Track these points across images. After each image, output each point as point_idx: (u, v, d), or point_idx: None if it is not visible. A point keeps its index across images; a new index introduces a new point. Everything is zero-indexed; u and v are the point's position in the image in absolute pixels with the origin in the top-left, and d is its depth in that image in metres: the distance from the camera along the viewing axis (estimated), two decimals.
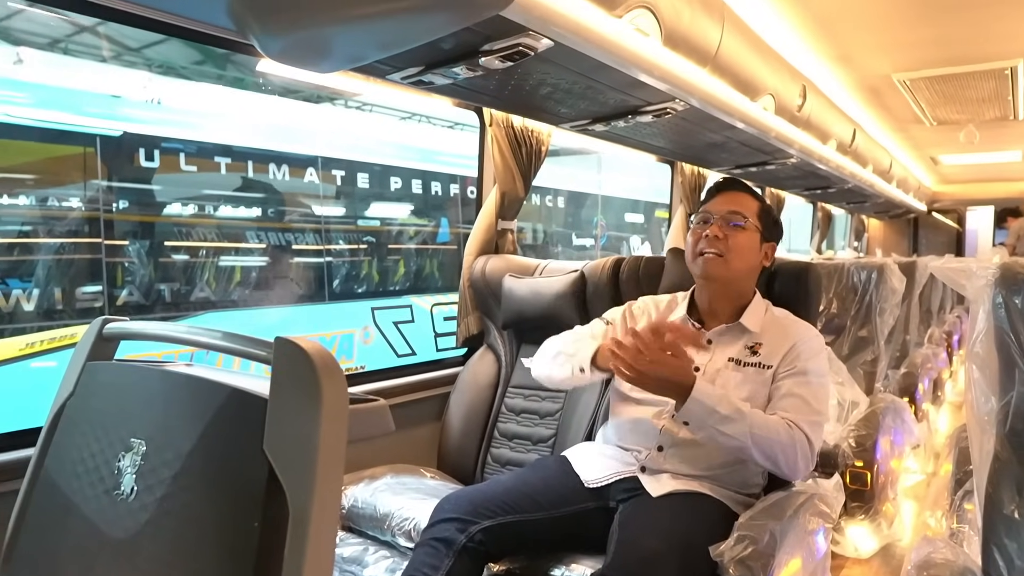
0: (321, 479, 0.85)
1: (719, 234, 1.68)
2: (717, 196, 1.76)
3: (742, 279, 1.74)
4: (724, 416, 1.49)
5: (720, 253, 1.68)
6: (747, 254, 1.71)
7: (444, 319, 6.27)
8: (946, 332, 5.38)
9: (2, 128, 4.10)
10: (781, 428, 1.52)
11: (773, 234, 1.77)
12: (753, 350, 1.68)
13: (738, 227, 1.69)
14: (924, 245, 9.46)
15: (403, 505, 1.90)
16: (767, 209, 1.78)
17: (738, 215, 1.70)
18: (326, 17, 1.29)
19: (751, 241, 1.72)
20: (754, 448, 1.49)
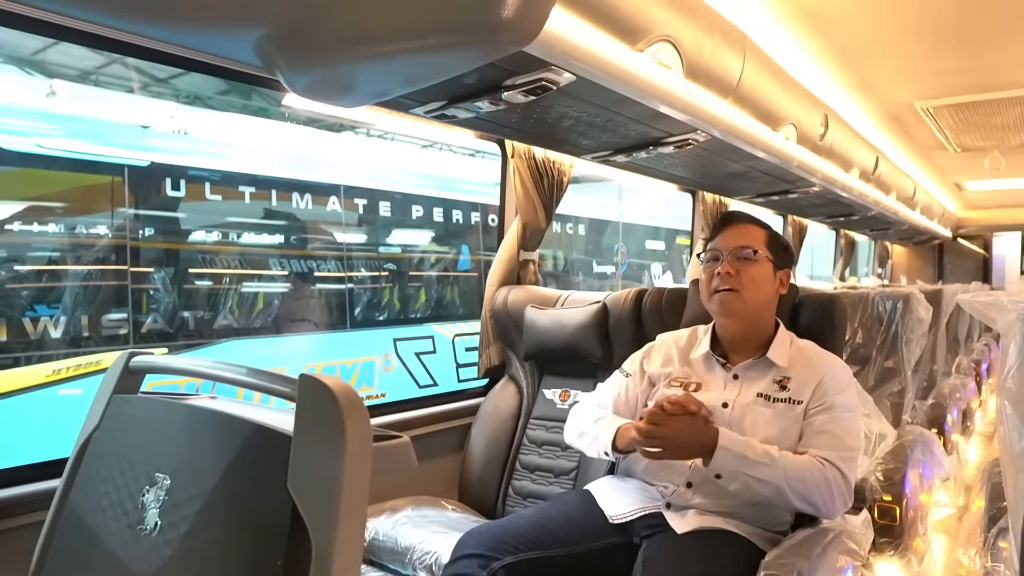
0: (344, 518, 0.85)
1: (731, 270, 1.68)
2: (723, 232, 1.75)
3: (761, 312, 1.73)
4: (755, 462, 1.48)
5: (735, 288, 1.67)
6: (762, 286, 1.70)
7: (466, 349, 6.26)
8: (974, 361, 5.28)
9: (35, 159, 4.19)
10: (814, 468, 1.50)
11: (785, 261, 1.76)
12: (782, 385, 1.65)
13: (749, 260, 1.69)
14: (949, 271, 9.32)
15: (424, 538, 1.89)
16: (775, 236, 1.77)
17: (747, 248, 1.69)
18: (352, 55, 1.31)
19: (764, 272, 1.70)
20: (790, 492, 1.48)
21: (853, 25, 2.56)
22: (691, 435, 1.50)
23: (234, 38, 1.36)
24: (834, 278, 7.17)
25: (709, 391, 1.71)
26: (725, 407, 1.65)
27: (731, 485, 1.51)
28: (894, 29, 2.63)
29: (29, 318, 4.17)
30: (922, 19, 2.55)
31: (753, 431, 1.61)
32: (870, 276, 8.62)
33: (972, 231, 9.00)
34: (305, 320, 5.56)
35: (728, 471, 1.49)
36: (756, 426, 1.61)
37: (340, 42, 1.29)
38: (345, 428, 0.86)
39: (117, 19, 1.27)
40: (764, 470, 1.48)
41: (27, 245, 4.34)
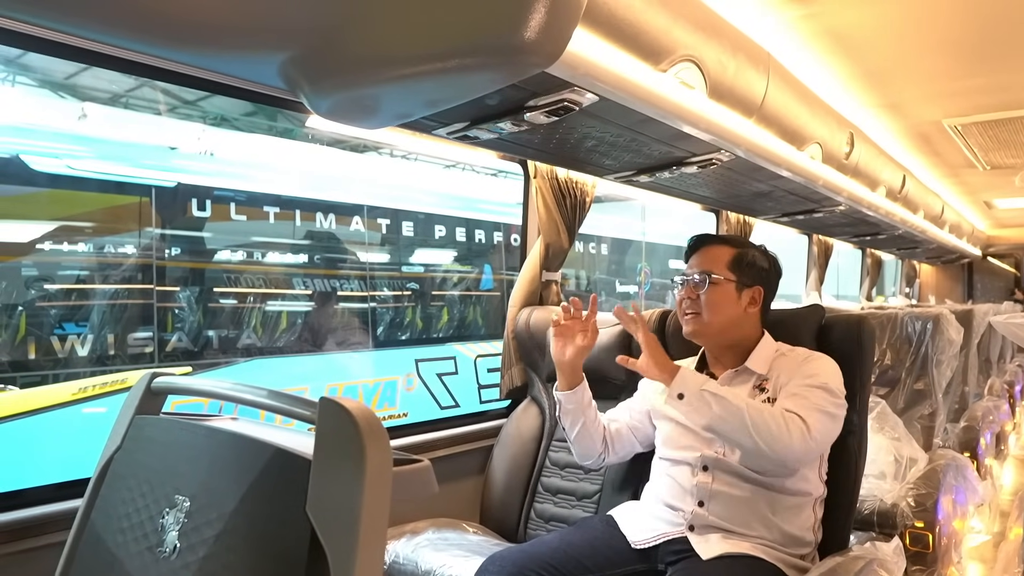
0: (364, 544, 0.83)
1: (691, 295, 1.74)
2: (691, 256, 1.80)
3: (727, 330, 1.74)
4: (715, 393, 1.52)
5: (696, 312, 1.73)
6: (722, 307, 1.72)
7: (488, 370, 6.24)
8: (1007, 383, 5.16)
9: (65, 180, 4.27)
10: (777, 411, 1.52)
11: (752, 278, 1.76)
12: (761, 387, 1.68)
13: (707, 283, 1.72)
14: (979, 291, 9.17)
15: (445, 562, 1.86)
16: (741, 256, 1.77)
17: (703, 273, 1.73)
18: (375, 77, 1.32)
19: (723, 294, 1.73)
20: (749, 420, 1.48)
21: (878, 45, 2.54)
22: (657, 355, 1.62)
23: (259, 62, 1.37)
24: (860, 298, 7.07)
25: None
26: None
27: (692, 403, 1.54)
28: (920, 48, 2.61)
29: (57, 336, 4.24)
30: (948, 38, 2.52)
31: None
32: (897, 296, 8.50)
33: (1003, 250, 8.86)
34: (328, 339, 5.58)
35: (690, 390, 1.54)
36: None
37: (364, 65, 1.30)
38: (365, 452, 0.85)
39: (146, 44, 1.29)
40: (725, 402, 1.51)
41: (56, 264, 4.42)
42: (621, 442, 1.87)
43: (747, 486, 1.59)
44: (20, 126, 4.28)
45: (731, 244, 1.80)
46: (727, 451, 1.62)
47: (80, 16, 1.06)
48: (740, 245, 1.80)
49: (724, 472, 1.62)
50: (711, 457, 1.64)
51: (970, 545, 3.14)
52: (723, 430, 1.54)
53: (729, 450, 1.62)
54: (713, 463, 1.63)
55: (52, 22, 1.19)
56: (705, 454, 1.64)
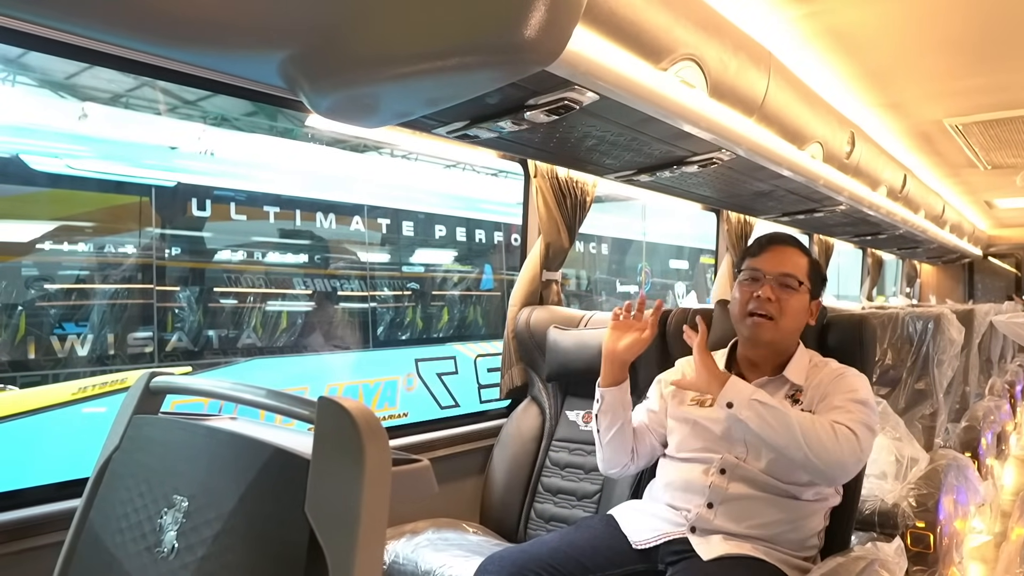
0: (363, 544, 0.83)
1: (771, 296, 1.63)
2: (767, 252, 1.70)
3: (793, 338, 1.71)
4: (766, 402, 1.48)
5: (771, 316, 1.63)
6: (799, 316, 1.67)
7: (488, 370, 6.24)
8: (1008, 382, 5.15)
9: (66, 180, 4.27)
10: (827, 423, 1.48)
11: (820, 291, 1.73)
12: (794, 398, 1.64)
13: (791, 289, 1.65)
14: (980, 291, 9.17)
15: (445, 562, 1.86)
16: (816, 266, 1.73)
17: (791, 277, 1.65)
18: (375, 76, 1.31)
19: (802, 303, 1.67)
20: (801, 434, 1.44)
21: (879, 44, 2.54)
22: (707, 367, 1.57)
23: (259, 60, 1.37)
24: (861, 298, 7.07)
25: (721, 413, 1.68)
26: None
27: (742, 412, 1.48)
28: (922, 48, 2.60)
29: (57, 336, 4.23)
30: (949, 37, 2.52)
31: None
32: (898, 295, 8.50)
33: (1004, 249, 8.86)
34: (328, 339, 5.58)
35: (740, 400, 1.48)
36: None
37: (363, 64, 1.29)
38: (364, 452, 0.84)
39: (146, 43, 1.28)
40: (775, 412, 1.46)
41: (56, 264, 4.41)
42: (645, 448, 1.79)
43: (763, 493, 1.57)
44: (20, 126, 4.28)
45: (804, 251, 1.74)
46: (749, 457, 1.59)
47: (80, 15, 1.06)
48: (809, 254, 1.75)
49: (742, 477, 1.59)
50: (731, 461, 1.60)
51: (971, 545, 3.13)
52: (772, 441, 1.48)
53: (752, 456, 1.59)
54: (732, 467, 1.60)
55: (52, 21, 1.18)
56: (725, 457, 1.61)
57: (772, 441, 1.47)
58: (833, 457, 1.44)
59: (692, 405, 1.73)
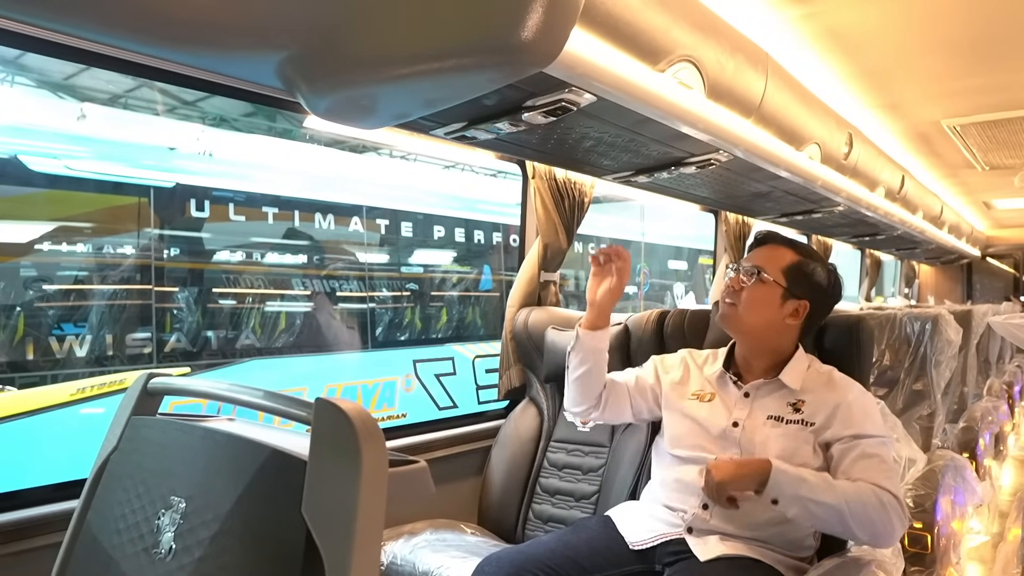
0: (359, 545, 0.83)
1: (734, 285, 1.70)
2: (754, 251, 1.76)
3: (760, 333, 1.69)
4: (813, 484, 1.44)
5: (734, 303, 1.68)
6: (760, 307, 1.67)
7: (486, 371, 6.24)
8: (1006, 383, 5.16)
9: (64, 181, 4.27)
10: (870, 493, 1.45)
11: (806, 292, 1.69)
12: (795, 407, 1.62)
13: (758, 279, 1.67)
14: (979, 291, 9.18)
15: (443, 563, 1.86)
16: (800, 265, 1.70)
17: (758, 268, 1.68)
18: (372, 77, 1.31)
19: (766, 295, 1.67)
20: (850, 517, 1.42)
21: (877, 45, 2.54)
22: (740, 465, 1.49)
23: (256, 61, 1.37)
24: (860, 298, 7.08)
25: (721, 407, 1.69)
26: (736, 426, 1.63)
27: (790, 511, 1.44)
28: (919, 49, 2.60)
29: (55, 336, 4.23)
30: (948, 38, 2.52)
31: (763, 450, 1.58)
32: (896, 296, 8.50)
33: (1002, 250, 8.87)
34: (327, 340, 5.58)
35: (786, 495, 1.43)
36: (767, 445, 1.58)
37: (361, 65, 1.30)
38: (361, 453, 0.85)
39: (143, 45, 1.29)
40: (823, 493, 1.43)
41: (55, 265, 4.41)
42: (616, 402, 1.83)
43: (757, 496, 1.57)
44: (19, 126, 4.27)
45: (796, 250, 1.73)
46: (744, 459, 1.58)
47: (77, 16, 1.06)
48: (806, 255, 1.73)
49: None
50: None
51: (969, 546, 3.13)
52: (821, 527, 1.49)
53: (748, 456, 1.59)
54: None
55: (49, 22, 1.18)
56: (720, 458, 1.59)
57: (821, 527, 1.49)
58: (882, 531, 1.45)
59: (692, 400, 1.73)
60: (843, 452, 1.54)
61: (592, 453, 2.24)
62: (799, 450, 1.57)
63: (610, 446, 2.22)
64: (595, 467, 2.22)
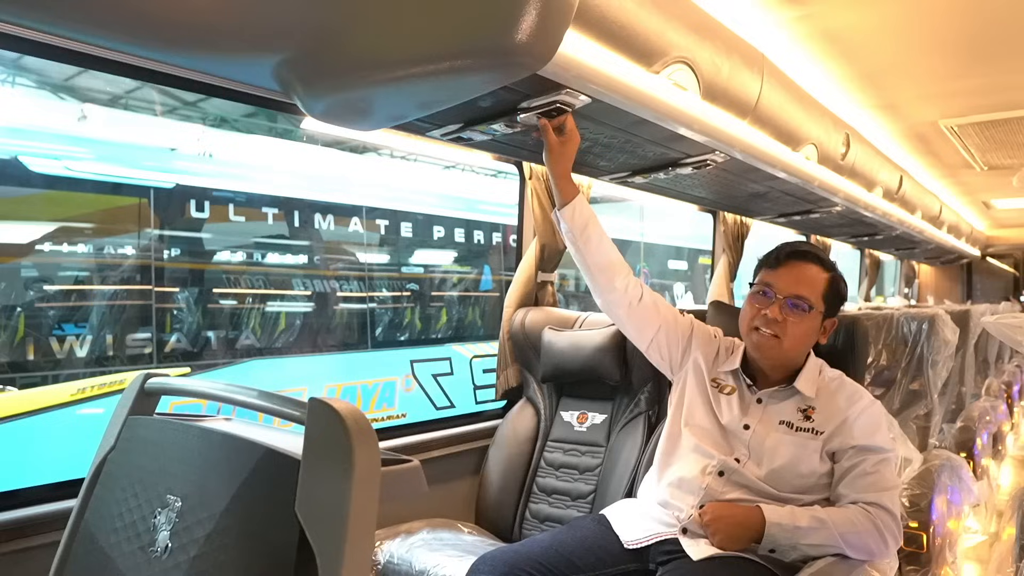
0: (351, 544, 0.84)
1: (779, 317, 1.60)
2: (783, 267, 1.65)
3: (796, 356, 1.68)
4: (807, 529, 1.47)
5: (776, 335, 1.61)
6: (806, 338, 1.65)
7: (483, 371, 6.24)
8: (1005, 383, 5.17)
9: (64, 181, 4.28)
10: (863, 518, 1.49)
11: (835, 310, 1.68)
12: (806, 414, 1.63)
13: (800, 311, 1.61)
14: (979, 291, 9.17)
15: (439, 562, 1.87)
16: (834, 283, 1.67)
17: (803, 300, 1.60)
18: (368, 79, 1.32)
19: (812, 325, 1.63)
20: (846, 548, 1.48)
21: (873, 45, 2.55)
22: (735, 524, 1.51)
23: (253, 64, 1.38)
24: (859, 298, 7.08)
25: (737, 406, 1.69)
26: (747, 429, 1.64)
27: (787, 556, 1.50)
28: (915, 49, 2.61)
29: (56, 337, 4.24)
30: (945, 39, 2.53)
31: (772, 456, 1.59)
32: (896, 296, 8.50)
33: (1002, 250, 8.86)
34: (326, 340, 5.59)
35: (782, 545, 1.49)
36: (776, 451, 1.60)
37: (356, 67, 1.31)
38: (353, 452, 0.86)
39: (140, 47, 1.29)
40: (817, 535, 1.47)
41: (55, 265, 4.43)
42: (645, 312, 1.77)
43: (758, 499, 1.58)
44: (19, 127, 4.29)
45: (825, 266, 1.67)
46: (749, 463, 1.60)
47: (74, 19, 1.07)
48: (832, 268, 1.68)
49: (738, 483, 1.59)
50: (730, 465, 1.61)
51: (966, 545, 3.14)
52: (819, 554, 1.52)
53: (753, 462, 1.60)
54: (730, 471, 1.60)
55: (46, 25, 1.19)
56: (725, 459, 1.61)
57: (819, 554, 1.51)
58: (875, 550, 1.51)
59: (713, 388, 1.72)
60: (848, 467, 1.57)
61: (589, 453, 2.25)
62: (807, 458, 1.59)
63: (606, 446, 2.23)
64: (592, 467, 2.23)
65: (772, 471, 1.58)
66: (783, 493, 1.58)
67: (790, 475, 1.58)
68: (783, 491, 1.58)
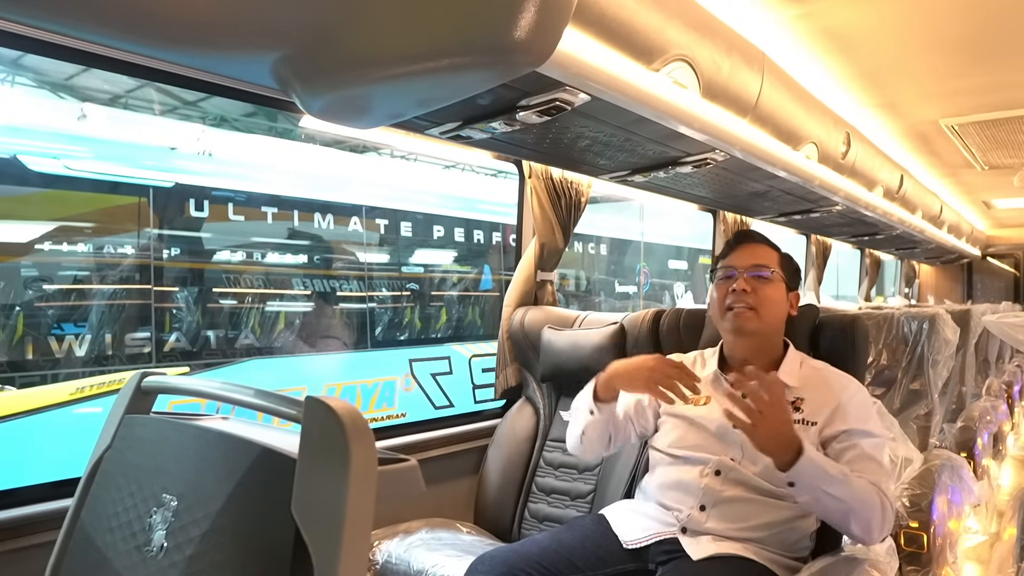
0: (347, 544, 0.83)
1: (747, 287, 1.65)
2: (738, 250, 1.74)
3: (778, 332, 1.71)
4: (833, 477, 1.42)
5: (751, 307, 1.65)
6: (777, 306, 1.69)
7: (483, 370, 6.24)
8: (1005, 383, 5.16)
9: (64, 181, 4.27)
10: (873, 494, 1.46)
11: (795, 282, 1.75)
12: (795, 406, 1.62)
13: (764, 279, 1.67)
14: (979, 291, 9.17)
15: (438, 562, 1.86)
16: (787, 257, 1.76)
17: (763, 267, 1.68)
18: (367, 77, 1.32)
19: (779, 292, 1.69)
20: (853, 515, 1.43)
21: (874, 44, 2.54)
22: (783, 423, 1.42)
23: (251, 61, 1.37)
24: (859, 298, 7.08)
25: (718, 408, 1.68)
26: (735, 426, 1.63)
27: (801, 496, 1.45)
28: (916, 47, 2.60)
29: (55, 336, 4.24)
30: (945, 37, 2.52)
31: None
32: (897, 296, 8.50)
33: (1002, 250, 8.86)
34: (326, 339, 5.58)
35: (805, 483, 1.42)
36: None
37: (355, 65, 1.30)
38: (350, 451, 0.85)
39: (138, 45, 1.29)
40: (839, 488, 1.42)
41: (54, 264, 4.42)
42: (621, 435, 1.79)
43: (757, 497, 1.57)
44: (18, 126, 4.28)
45: (774, 247, 1.76)
46: (744, 460, 1.59)
47: (73, 17, 1.06)
48: (780, 249, 1.77)
49: (736, 480, 1.58)
50: (726, 464, 1.60)
51: (967, 545, 3.13)
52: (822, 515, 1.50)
53: (748, 459, 1.59)
54: (727, 469, 1.59)
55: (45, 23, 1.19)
56: (721, 459, 1.60)
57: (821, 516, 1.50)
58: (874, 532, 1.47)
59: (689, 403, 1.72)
60: (843, 449, 1.55)
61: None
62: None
63: None
64: (591, 466, 2.22)
65: (767, 466, 1.56)
66: (779, 488, 1.57)
67: None
68: (780, 485, 1.56)
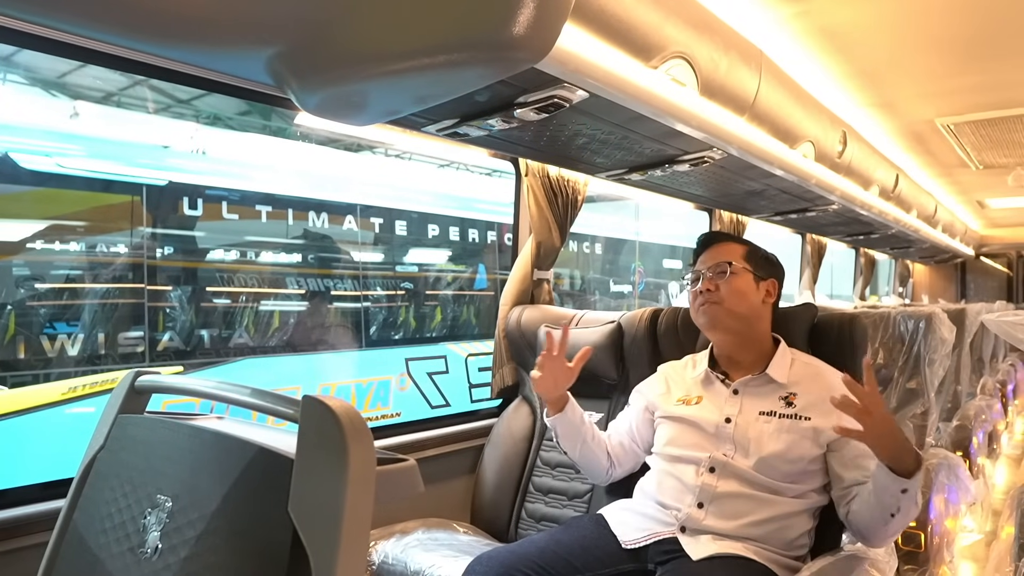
0: (346, 544, 0.82)
1: (711, 286, 1.72)
2: (703, 253, 1.80)
3: (747, 321, 1.72)
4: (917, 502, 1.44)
5: (715, 301, 1.70)
6: (744, 295, 1.71)
7: (479, 369, 6.23)
8: (1000, 382, 5.17)
9: (56, 179, 4.24)
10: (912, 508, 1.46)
11: (768, 271, 1.77)
12: (788, 401, 1.64)
13: (726, 273, 1.72)
14: (973, 290, 9.20)
15: (435, 563, 1.85)
16: (754, 249, 1.80)
17: (722, 264, 1.73)
18: (363, 73, 1.30)
19: (744, 282, 1.72)
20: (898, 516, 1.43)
21: (871, 43, 2.54)
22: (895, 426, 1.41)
23: (247, 57, 1.36)
24: (854, 297, 7.09)
25: (711, 406, 1.70)
26: (728, 422, 1.65)
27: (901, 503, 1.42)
28: (913, 47, 2.60)
29: (47, 335, 4.21)
30: (942, 37, 2.52)
31: (758, 445, 1.59)
32: (891, 295, 8.52)
33: (996, 249, 8.90)
34: (321, 338, 5.56)
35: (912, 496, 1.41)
36: (761, 440, 1.60)
37: (351, 61, 1.29)
38: (348, 451, 0.84)
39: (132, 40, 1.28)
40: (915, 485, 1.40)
41: (46, 263, 4.39)
42: (626, 456, 1.86)
43: (753, 492, 1.57)
44: (10, 124, 4.25)
45: (740, 241, 1.82)
46: (737, 455, 1.60)
47: (67, 12, 1.05)
48: (749, 243, 1.83)
49: (731, 475, 1.59)
50: (720, 459, 1.61)
51: (963, 544, 3.13)
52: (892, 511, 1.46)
53: (740, 454, 1.60)
54: (721, 466, 1.60)
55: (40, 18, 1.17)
56: (714, 455, 1.61)
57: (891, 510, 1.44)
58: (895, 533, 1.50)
59: (679, 404, 1.76)
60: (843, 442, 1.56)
61: None
62: (798, 444, 1.58)
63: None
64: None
65: (761, 459, 1.58)
66: (775, 482, 1.57)
67: (779, 462, 1.57)
68: (774, 479, 1.57)
